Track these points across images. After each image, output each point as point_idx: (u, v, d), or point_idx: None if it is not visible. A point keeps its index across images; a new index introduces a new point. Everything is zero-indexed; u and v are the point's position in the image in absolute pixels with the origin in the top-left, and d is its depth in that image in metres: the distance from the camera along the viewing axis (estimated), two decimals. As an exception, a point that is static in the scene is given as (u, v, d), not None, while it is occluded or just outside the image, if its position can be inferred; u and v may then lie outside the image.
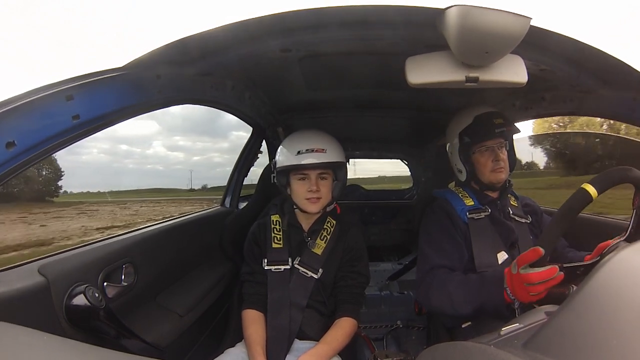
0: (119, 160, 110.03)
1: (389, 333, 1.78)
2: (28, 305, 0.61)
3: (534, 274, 0.74)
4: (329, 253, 1.13)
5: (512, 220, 1.12)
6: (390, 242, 2.68)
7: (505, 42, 0.69)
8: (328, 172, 1.13)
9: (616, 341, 0.34)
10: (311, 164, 1.07)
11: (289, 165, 1.09)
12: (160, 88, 0.83)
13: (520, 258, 0.78)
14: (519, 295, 0.79)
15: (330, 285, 1.12)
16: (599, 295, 0.40)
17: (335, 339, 1.00)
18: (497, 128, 1.07)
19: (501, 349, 0.38)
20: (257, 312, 1.08)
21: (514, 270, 0.79)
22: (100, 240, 0.90)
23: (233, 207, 1.67)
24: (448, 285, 0.95)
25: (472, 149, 1.12)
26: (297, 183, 1.11)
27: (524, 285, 0.77)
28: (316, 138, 1.12)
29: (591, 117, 1.12)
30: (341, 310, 1.08)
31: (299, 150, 1.08)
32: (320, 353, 0.94)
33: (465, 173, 1.14)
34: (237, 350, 1.02)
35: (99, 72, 0.69)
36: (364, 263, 1.17)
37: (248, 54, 0.85)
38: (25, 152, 0.58)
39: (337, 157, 1.11)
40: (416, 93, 1.06)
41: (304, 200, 1.10)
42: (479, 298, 0.89)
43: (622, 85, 0.92)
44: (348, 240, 1.16)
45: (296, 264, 1.11)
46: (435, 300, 0.97)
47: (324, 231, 1.16)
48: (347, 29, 0.77)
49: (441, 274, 0.99)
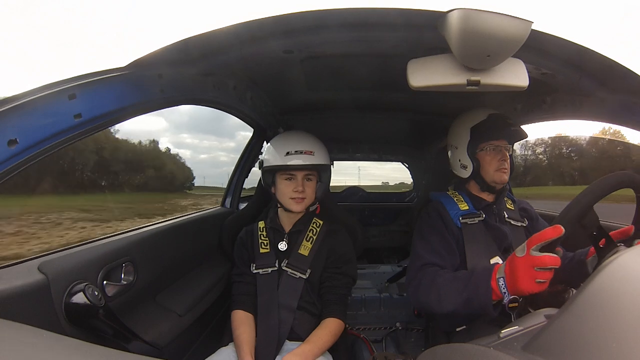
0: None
1: (388, 335, 1.78)
2: (27, 302, 0.61)
3: (547, 256, 0.70)
4: (315, 253, 1.15)
5: (508, 224, 1.12)
6: (390, 244, 2.68)
7: (507, 46, 0.70)
8: (313, 174, 1.17)
9: (616, 344, 0.34)
10: (299, 165, 1.10)
11: (277, 165, 1.12)
12: (162, 88, 0.84)
13: (533, 238, 0.73)
14: (522, 282, 0.74)
15: (317, 285, 1.14)
16: (599, 299, 0.40)
17: (320, 338, 1.01)
18: (508, 128, 1.08)
19: (501, 352, 0.38)
20: (245, 312, 1.10)
21: (521, 252, 0.75)
22: (101, 239, 0.90)
23: (233, 208, 1.67)
24: (437, 280, 0.94)
25: (481, 145, 1.11)
26: (283, 182, 1.14)
27: (532, 270, 0.72)
28: (305, 140, 1.15)
29: (591, 120, 1.12)
30: (327, 311, 1.10)
31: (287, 151, 1.11)
32: (305, 352, 0.95)
33: (470, 168, 1.13)
34: (229, 349, 1.03)
35: (101, 71, 0.70)
36: (351, 265, 1.19)
37: (250, 54, 0.86)
38: (27, 150, 0.58)
39: (324, 159, 1.16)
40: (417, 95, 1.06)
41: (289, 199, 1.13)
42: (465, 292, 0.86)
43: (623, 88, 0.92)
44: (334, 243, 1.18)
45: (284, 267, 1.13)
46: (422, 295, 0.96)
47: (309, 232, 1.18)
48: (349, 30, 0.77)
49: (431, 271, 0.99)
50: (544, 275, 0.71)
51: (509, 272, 0.78)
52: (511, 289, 0.78)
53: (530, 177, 18.58)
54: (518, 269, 0.75)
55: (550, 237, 0.70)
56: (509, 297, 0.79)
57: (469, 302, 0.86)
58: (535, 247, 0.72)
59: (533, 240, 0.73)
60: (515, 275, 0.75)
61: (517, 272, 0.75)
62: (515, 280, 0.76)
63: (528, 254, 0.73)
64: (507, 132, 1.09)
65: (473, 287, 0.86)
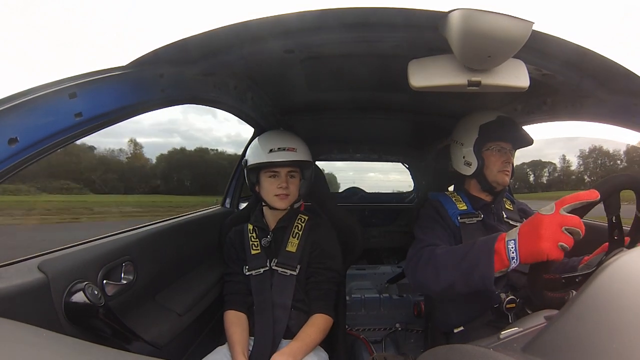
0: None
1: (387, 336, 1.78)
2: (27, 301, 0.61)
3: (577, 217, 0.65)
4: (302, 249, 1.16)
5: (506, 224, 1.12)
6: (390, 245, 2.67)
7: (508, 46, 0.69)
8: (297, 171, 1.18)
9: (616, 345, 0.34)
10: (282, 161, 1.12)
11: (260, 163, 1.13)
12: (163, 87, 0.84)
13: (565, 198, 0.68)
14: (545, 242, 0.67)
15: (304, 281, 1.15)
16: (599, 300, 0.40)
17: (308, 336, 1.02)
18: (517, 132, 1.09)
19: (501, 353, 0.38)
20: (236, 312, 1.11)
21: (549, 211, 0.68)
22: (101, 238, 0.89)
23: (233, 208, 1.67)
24: (435, 252, 0.92)
25: (488, 144, 1.11)
26: (267, 180, 1.16)
27: (559, 230, 0.66)
28: (287, 138, 1.18)
29: (592, 122, 1.12)
30: (314, 307, 1.11)
31: (271, 149, 1.12)
32: (293, 350, 0.96)
33: (474, 166, 1.12)
34: (225, 349, 1.05)
35: (102, 70, 0.70)
36: (336, 260, 1.20)
37: (250, 54, 0.86)
38: (27, 148, 0.58)
39: (306, 156, 1.17)
40: (417, 96, 1.07)
41: (273, 196, 1.14)
42: (465, 261, 0.81)
43: (623, 90, 0.92)
44: (317, 236, 1.19)
45: (274, 266, 1.14)
46: (420, 272, 0.93)
47: (295, 228, 1.19)
48: (350, 30, 0.77)
49: (431, 248, 0.97)
50: (569, 240, 0.66)
51: (528, 231, 0.71)
52: (526, 251, 0.71)
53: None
54: (543, 227, 0.68)
55: (585, 199, 0.65)
56: (516, 263, 0.72)
57: (469, 273, 0.79)
58: (566, 207, 0.67)
59: (565, 200, 0.68)
60: (538, 234, 0.68)
61: (542, 230, 0.68)
62: (537, 239, 0.68)
63: (557, 212, 0.67)
64: (514, 135, 1.09)
65: (475, 253, 0.80)
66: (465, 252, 0.83)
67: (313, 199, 1.40)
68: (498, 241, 0.77)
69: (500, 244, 0.76)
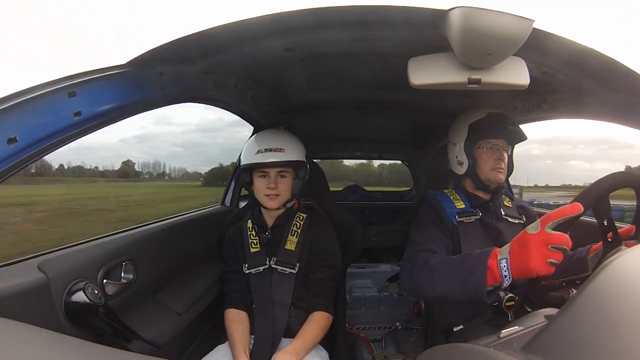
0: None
1: (387, 334, 1.78)
2: (27, 301, 0.61)
3: (563, 235, 0.66)
4: (301, 247, 1.16)
5: (505, 221, 1.12)
6: (390, 243, 2.67)
7: (508, 44, 0.69)
8: (287, 170, 1.17)
9: (616, 344, 0.33)
10: (268, 162, 1.12)
11: (249, 164, 1.14)
12: (163, 86, 0.83)
13: (549, 215, 0.70)
14: (534, 260, 0.69)
15: (304, 279, 1.15)
16: (599, 299, 0.40)
17: (310, 333, 1.02)
18: (507, 128, 1.07)
19: (501, 352, 0.38)
20: (237, 310, 1.12)
21: (534, 230, 0.71)
22: (100, 237, 0.90)
23: (233, 206, 1.67)
24: (430, 261, 0.92)
25: (478, 143, 1.11)
26: (258, 180, 1.16)
27: (546, 248, 0.68)
28: (276, 138, 1.17)
29: (592, 120, 1.12)
30: (314, 305, 1.11)
31: (258, 150, 1.13)
32: (296, 348, 0.96)
33: (466, 165, 1.13)
34: (226, 347, 1.05)
35: (101, 69, 0.70)
36: (336, 257, 1.20)
37: (250, 53, 0.85)
38: (26, 148, 0.58)
39: (296, 156, 1.16)
40: (417, 94, 1.06)
41: (263, 196, 1.15)
42: (460, 272, 0.82)
43: (624, 88, 0.92)
44: (315, 234, 1.19)
45: (273, 264, 1.14)
46: (415, 278, 0.94)
47: (293, 226, 1.19)
48: (349, 29, 0.77)
49: (426, 254, 0.97)
50: (557, 256, 0.68)
51: (517, 251, 0.73)
52: (517, 270, 0.73)
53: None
54: (530, 246, 0.70)
55: (569, 214, 0.67)
56: (509, 281, 0.74)
57: (463, 285, 0.81)
58: (550, 224, 0.69)
59: (550, 217, 0.69)
60: (526, 253, 0.71)
61: (529, 250, 0.70)
62: (525, 258, 0.71)
63: (543, 230, 0.69)
64: (505, 131, 1.08)
65: (468, 267, 0.81)
66: (459, 264, 0.85)
67: (312, 197, 1.40)
68: (491, 258, 0.79)
69: (493, 262, 0.78)
